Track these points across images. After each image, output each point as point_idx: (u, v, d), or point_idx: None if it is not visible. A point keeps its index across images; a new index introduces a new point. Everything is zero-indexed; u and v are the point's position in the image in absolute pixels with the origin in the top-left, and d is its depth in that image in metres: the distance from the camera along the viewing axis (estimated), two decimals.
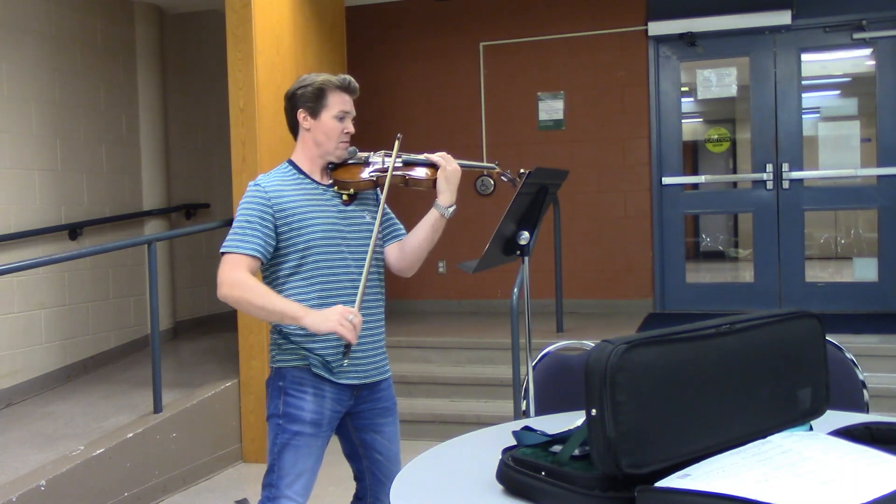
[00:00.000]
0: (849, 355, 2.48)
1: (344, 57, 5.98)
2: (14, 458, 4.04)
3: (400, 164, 2.60)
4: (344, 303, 2.44)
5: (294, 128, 2.61)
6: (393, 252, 2.69)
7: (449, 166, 2.57)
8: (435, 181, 2.56)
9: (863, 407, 2.40)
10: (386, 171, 2.56)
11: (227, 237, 2.47)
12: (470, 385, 5.47)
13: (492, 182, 7.13)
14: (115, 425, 4.44)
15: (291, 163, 2.61)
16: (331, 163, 2.60)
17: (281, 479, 2.49)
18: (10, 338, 5.24)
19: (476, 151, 7.18)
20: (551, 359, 2.68)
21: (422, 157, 2.63)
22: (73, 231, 5.81)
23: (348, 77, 2.61)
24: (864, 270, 6.56)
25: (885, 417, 1.89)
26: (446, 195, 2.56)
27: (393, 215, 2.75)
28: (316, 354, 2.50)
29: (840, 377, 2.34)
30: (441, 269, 7.23)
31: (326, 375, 2.50)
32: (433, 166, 2.59)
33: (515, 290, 4.49)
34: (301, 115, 2.57)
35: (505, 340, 4.98)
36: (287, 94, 2.60)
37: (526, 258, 2.60)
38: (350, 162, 2.62)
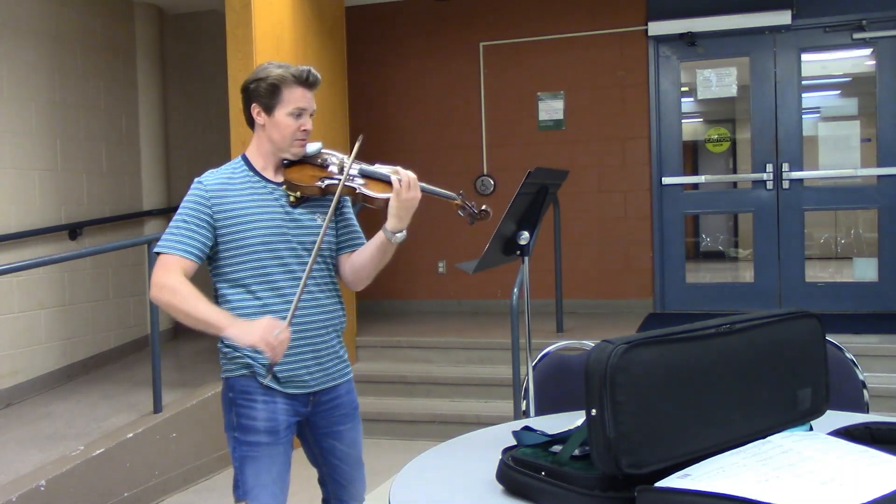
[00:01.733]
0: (849, 355, 2.48)
1: (344, 57, 5.98)
2: (14, 458, 4.04)
3: (356, 174, 2.37)
4: (287, 310, 2.30)
5: (250, 121, 2.45)
6: (345, 262, 2.52)
7: (405, 193, 2.30)
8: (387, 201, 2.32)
9: (863, 407, 2.40)
10: (338, 176, 2.37)
11: (163, 235, 2.36)
12: (470, 385, 5.47)
13: (492, 182, 7.13)
14: (115, 425, 4.44)
15: (245, 158, 2.47)
16: (286, 159, 2.45)
17: (247, 494, 2.39)
18: (10, 338, 5.24)
19: (476, 151, 7.18)
20: (551, 359, 2.68)
21: (385, 170, 2.37)
22: (73, 231, 5.81)
23: (307, 69, 2.39)
24: (864, 270, 6.56)
25: (885, 417, 1.89)
26: (395, 221, 2.32)
27: (354, 222, 2.57)
28: (260, 363, 2.37)
29: (840, 377, 2.34)
30: (441, 269, 7.23)
31: (273, 385, 2.39)
32: (389, 183, 2.34)
33: (515, 290, 4.49)
34: (255, 110, 2.40)
35: (505, 340, 4.98)
36: (242, 85, 2.42)
37: (526, 258, 2.60)
38: (308, 160, 2.45)
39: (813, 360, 1.62)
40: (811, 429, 1.63)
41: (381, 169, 2.38)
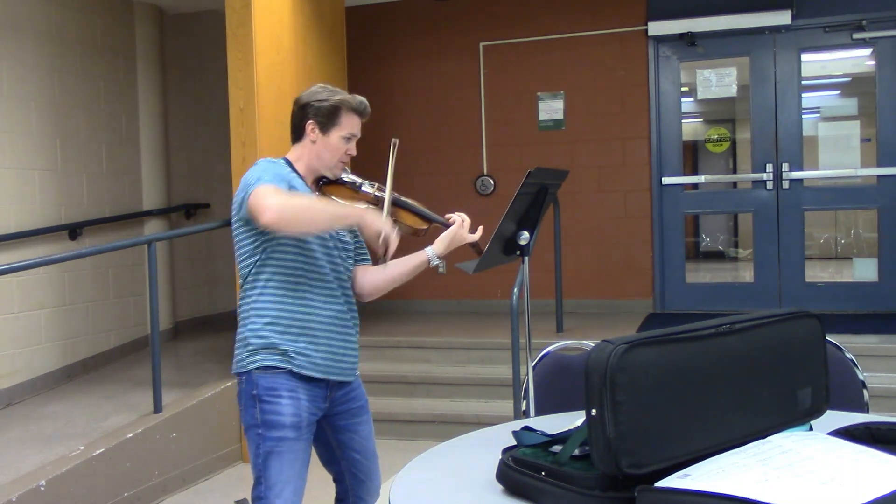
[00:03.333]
0: (849, 355, 2.48)
1: (344, 57, 5.98)
2: (14, 458, 4.04)
3: (391, 204, 2.55)
4: (321, 313, 2.49)
5: (298, 133, 2.57)
6: (362, 274, 2.68)
7: (462, 231, 2.58)
8: (418, 231, 2.58)
9: (863, 407, 2.40)
10: (377, 202, 2.54)
11: (253, 182, 2.34)
12: (470, 385, 5.47)
13: (492, 182, 7.13)
14: (115, 425, 4.44)
15: (289, 163, 2.57)
16: (323, 177, 2.59)
17: (270, 490, 2.43)
18: (10, 338, 5.24)
19: (476, 151, 7.18)
20: (551, 359, 2.68)
21: (421, 207, 2.62)
22: (73, 231, 5.81)
23: (364, 101, 2.59)
24: (864, 270, 6.56)
25: (885, 417, 1.89)
26: (441, 247, 2.57)
27: (363, 240, 2.70)
28: (309, 345, 2.47)
29: (840, 377, 2.34)
30: (441, 269, 7.22)
31: (306, 372, 2.46)
32: (426, 218, 2.59)
33: (515, 290, 4.49)
34: (310, 126, 2.53)
35: (505, 340, 4.98)
36: (299, 101, 2.56)
37: (526, 258, 2.60)
38: (342, 181, 2.61)
39: (813, 360, 1.62)
40: (811, 429, 1.63)
41: (420, 206, 2.62)
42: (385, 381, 5.58)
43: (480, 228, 2.66)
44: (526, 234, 2.54)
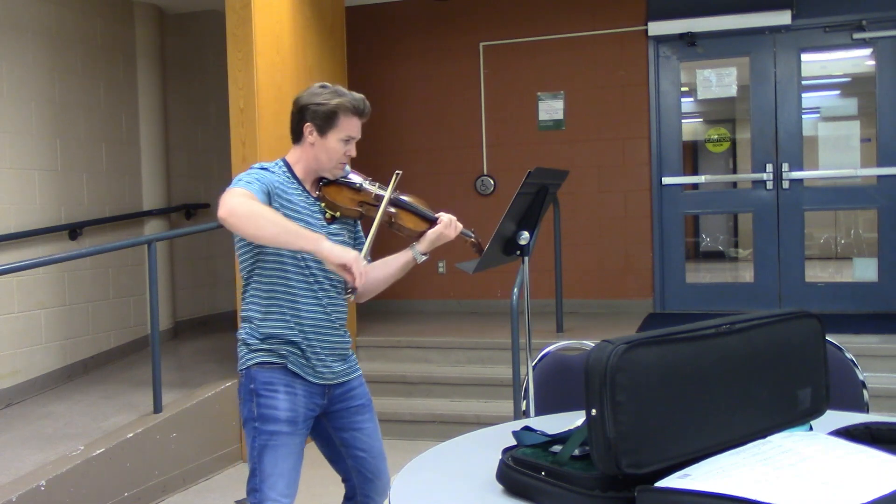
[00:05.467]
0: (849, 355, 2.48)
1: (344, 57, 5.98)
2: (14, 458, 4.04)
3: (391, 202, 2.59)
4: (312, 315, 2.51)
5: (297, 134, 2.58)
6: None
7: (448, 230, 2.60)
8: (421, 233, 2.59)
9: (863, 407, 2.40)
10: (376, 204, 2.57)
11: (231, 187, 2.36)
12: (470, 385, 5.48)
13: (492, 182, 7.13)
14: (115, 425, 4.44)
15: (287, 164, 2.58)
16: (323, 178, 2.61)
17: (263, 482, 2.48)
18: (10, 338, 5.24)
19: (476, 151, 7.18)
20: (551, 359, 2.68)
21: (422, 207, 2.63)
22: (73, 231, 5.81)
23: (363, 99, 2.57)
24: (864, 270, 6.56)
25: (885, 417, 1.89)
26: (426, 245, 2.60)
27: (363, 243, 2.72)
28: (296, 350, 2.51)
29: (840, 377, 2.34)
30: (441, 269, 7.23)
31: (299, 372, 2.51)
32: (426, 219, 2.61)
33: (515, 290, 4.49)
34: (308, 128, 2.54)
35: (505, 340, 4.98)
36: (298, 102, 2.57)
37: (526, 258, 2.60)
38: (342, 182, 2.61)
39: (813, 360, 1.62)
40: (811, 429, 1.63)
41: (416, 204, 2.63)
42: (385, 381, 5.58)
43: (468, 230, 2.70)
44: (526, 234, 2.54)
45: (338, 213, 2.58)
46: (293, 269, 2.50)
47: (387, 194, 2.55)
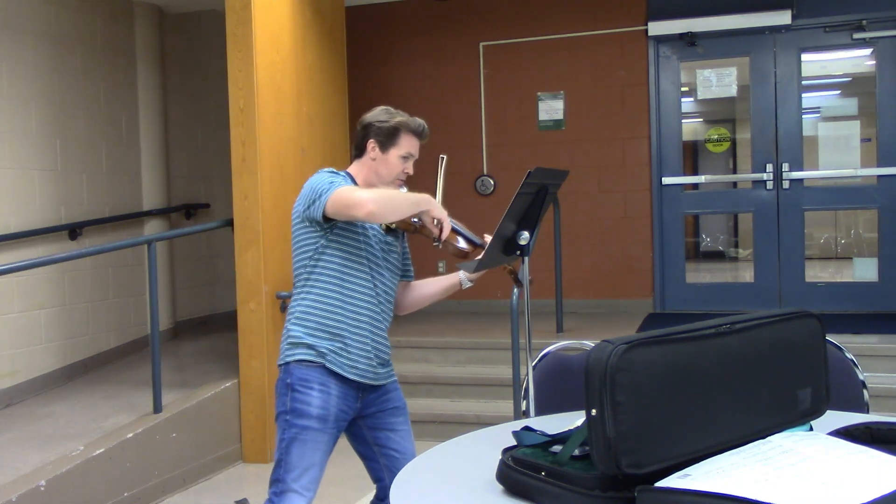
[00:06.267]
0: (849, 355, 2.48)
1: (344, 57, 5.98)
2: (14, 458, 4.04)
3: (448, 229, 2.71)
4: (369, 311, 2.63)
5: (360, 150, 2.74)
6: (405, 289, 2.87)
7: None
8: (468, 255, 2.73)
9: (863, 407, 2.40)
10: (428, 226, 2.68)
11: (326, 186, 2.52)
12: (470, 385, 5.48)
13: (492, 182, 7.13)
14: (115, 425, 4.44)
15: (350, 176, 2.71)
16: None
17: (288, 473, 2.57)
18: (10, 338, 5.24)
19: (476, 151, 7.18)
20: (551, 359, 2.68)
21: (473, 235, 2.77)
22: (73, 231, 5.81)
23: (424, 124, 2.77)
24: (864, 270, 6.56)
25: (885, 417, 1.89)
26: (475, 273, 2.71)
27: (409, 256, 2.89)
28: (342, 346, 2.59)
29: (840, 377, 2.34)
30: (441, 270, 7.23)
31: (338, 370, 2.59)
32: (471, 242, 2.76)
33: (515, 290, 4.49)
34: (371, 144, 2.70)
35: (505, 340, 4.98)
36: (363, 121, 2.74)
37: (526, 258, 2.60)
38: None
39: (813, 360, 1.62)
40: (811, 429, 1.63)
41: (469, 232, 2.78)
42: None
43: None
44: (526, 234, 2.54)
45: (393, 225, 2.70)
46: (355, 266, 2.61)
47: (440, 178, 2.74)
